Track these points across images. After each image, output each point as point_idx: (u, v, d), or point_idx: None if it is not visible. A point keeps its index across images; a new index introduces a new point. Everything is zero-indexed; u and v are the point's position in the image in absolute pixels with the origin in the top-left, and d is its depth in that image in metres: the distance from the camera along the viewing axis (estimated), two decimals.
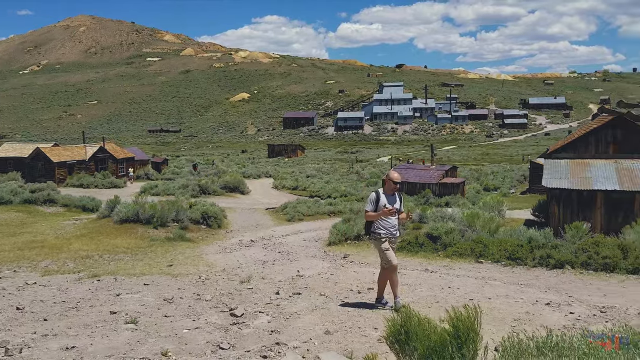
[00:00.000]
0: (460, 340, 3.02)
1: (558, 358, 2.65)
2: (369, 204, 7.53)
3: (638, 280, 9.56)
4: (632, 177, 15.58)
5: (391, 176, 7.59)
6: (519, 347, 2.91)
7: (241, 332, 6.15)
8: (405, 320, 3.33)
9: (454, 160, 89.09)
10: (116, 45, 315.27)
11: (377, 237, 7.51)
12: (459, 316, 3.19)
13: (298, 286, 9.12)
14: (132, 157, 51.51)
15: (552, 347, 2.79)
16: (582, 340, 2.88)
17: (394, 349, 3.36)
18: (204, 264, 12.69)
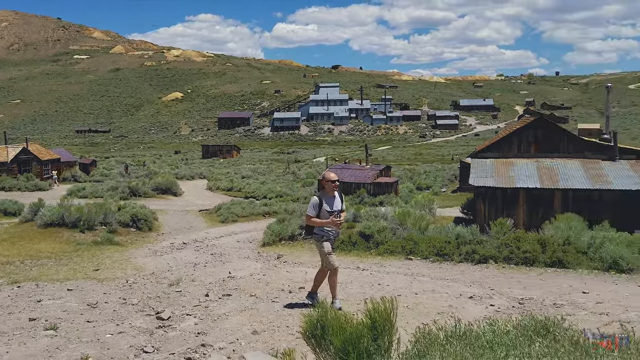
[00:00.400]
0: (376, 332, 3.10)
1: (464, 346, 2.77)
2: (311, 208, 7.45)
3: (555, 272, 10.08)
4: (552, 175, 16.42)
5: (327, 176, 7.53)
6: (429, 337, 3.02)
7: (167, 335, 6.02)
8: (321, 315, 3.37)
9: (389, 160, 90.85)
10: (41, 42, 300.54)
11: (319, 238, 7.50)
12: (376, 308, 3.28)
13: (229, 288, 9.03)
14: (58, 159, 49.32)
15: (459, 336, 2.91)
16: (489, 329, 3.02)
17: (311, 343, 3.39)
18: (132, 268, 12.34)
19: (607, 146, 17.30)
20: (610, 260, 10.01)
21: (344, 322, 3.19)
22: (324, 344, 3.22)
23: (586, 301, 7.71)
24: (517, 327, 3.05)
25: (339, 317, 3.28)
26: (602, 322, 6.31)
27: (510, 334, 2.87)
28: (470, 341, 2.85)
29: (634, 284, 9.00)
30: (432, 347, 2.87)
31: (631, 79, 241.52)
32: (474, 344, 2.78)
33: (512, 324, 3.14)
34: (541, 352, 2.59)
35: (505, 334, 2.89)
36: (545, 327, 3.05)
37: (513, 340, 2.76)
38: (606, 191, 15.51)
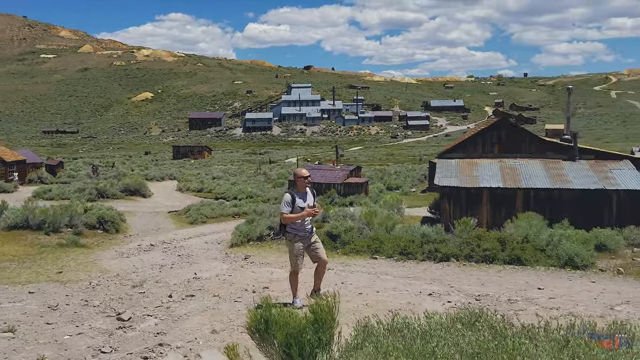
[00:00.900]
0: (317, 325, 3.23)
1: (401, 338, 2.91)
2: (285, 205, 7.40)
3: (513, 269, 10.38)
4: (514, 175, 16.83)
5: (299, 173, 7.57)
6: (369, 329, 3.16)
7: (126, 335, 6.04)
8: (265, 311, 3.48)
9: (361, 160, 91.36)
10: (6, 41, 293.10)
11: (292, 237, 7.53)
12: (318, 304, 3.41)
13: (192, 288, 9.06)
14: (23, 160, 48.31)
15: (397, 329, 3.05)
16: (426, 321, 3.17)
17: (255, 338, 3.51)
18: (97, 270, 12.24)
19: (568, 146, 17.80)
20: (566, 257, 10.35)
21: (287, 317, 3.31)
22: (267, 339, 3.34)
23: (540, 297, 7.98)
24: (452, 319, 3.20)
25: (283, 312, 3.39)
26: (552, 316, 6.55)
27: (444, 326, 3.02)
28: (404, 332, 2.99)
29: (587, 280, 9.33)
30: (368, 338, 3.00)
31: (596, 81, 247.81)
32: (407, 336, 2.93)
33: (451, 317, 3.29)
34: (469, 341, 2.74)
35: (439, 327, 3.04)
36: (472, 319, 3.21)
37: (446, 332, 2.91)
38: (566, 190, 15.97)
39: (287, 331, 3.18)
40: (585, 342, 2.72)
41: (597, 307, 7.22)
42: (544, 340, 2.76)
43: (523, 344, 2.61)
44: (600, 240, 12.23)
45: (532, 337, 2.71)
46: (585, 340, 2.82)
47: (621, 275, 9.67)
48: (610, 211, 15.86)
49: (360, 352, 2.79)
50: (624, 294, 8.10)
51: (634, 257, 11.61)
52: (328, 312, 3.32)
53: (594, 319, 4.33)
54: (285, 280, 9.81)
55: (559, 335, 2.83)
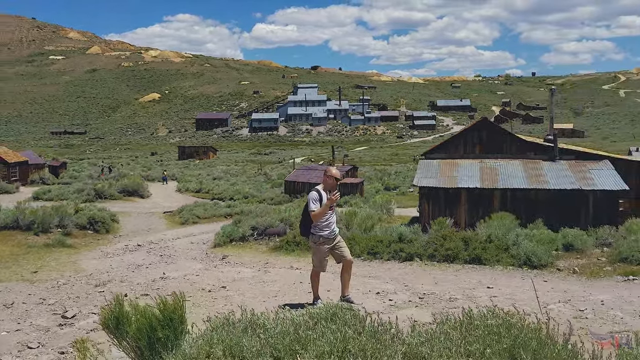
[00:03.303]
0: (166, 322, 3.44)
1: (242, 331, 3.12)
2: (313, 203, 7.11)
3: (472, 269, 10.54)
4: (493, 175, 16.95)
5: (330, 172, 7.29)
6: (225, 322, 3.38)
7: (60, 332, 6.30)
8: (116, 307, 3.70)
9: (365, 160, 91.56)
10: (15, 42, 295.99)
11: (317, 240, 7.28)
12: (164, 301, 3.63)
13: (152, 288, 9.31)
14: (25, 161, 48.92)
15: (256, 325, 3.25)
16: (289, 316, 3.35)
17: (108, 333, 3.73)
18: (72, 270, 12.53)
19: (548, 147, 17.89)
20: (524, 256, 10.50)
21: (138, 314, 3.53)
22: (118, 333, 3.57)
23: (483, 295, 8.15)
24: (312, 316, 3.39)
25: (137, 309, 3.61)
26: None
27: (296, 322, 3.22)
28: (253, 327, 3.19)
29: (539, 279, 9.46)
30: (216, 331, 3.21)
31: (605, 80, 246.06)
32: (256, 329, 3.13)
33: (310, 314, 3.49)
34: (334, 337, 2.91)
35: (303, 322, 3.24)
36: (334, 313, 3.41)
37: (328, 324, 3.08)
38: (542, 190, 16.07)
39: (137, 327, 3.41)
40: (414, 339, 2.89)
41: (530, 305, 7.36)
42: (386, 338, 2.94)
43: (355, 339, 2.79)
44: (567, 240, 12.34)
45: (374, 334, 2.89)
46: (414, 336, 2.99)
47: (575, 275, 9.80)
48: (587, 211, 15.95)
49: (195, 345, 3.00)
50: (569, 293, 8.25)
51: (600, 257, 11.71)
52: (176, 309, 3.55)
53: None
54: (243, 280, 10.06)
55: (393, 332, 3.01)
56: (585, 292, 8.37)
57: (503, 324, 2.96)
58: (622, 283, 9.02)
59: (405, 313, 6.70)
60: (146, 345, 3.35)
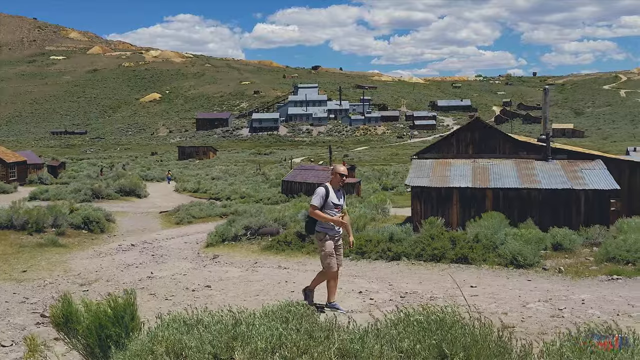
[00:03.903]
0: (117, 318, 3.47)
1: (190, 327, 3.14)
2: (318, 198, 6.89)
3: (458, 268, 10.54)
4: (485, 175, 16.95)
5: (337, 169, 7.07)
6: (173, 319, 3.41)
7: (36, 330, 6.31)
8: (64, 306, 3.73)
9: (365, 160, 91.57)
10: (16, 43, 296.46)
11: (322, 237, 7.03)
12: (115, 299, 3.66)
13: (137, 287, 9.32)
14: (24, 161, 49.00)
15: (202, 322, 3.28)
16: (229, 313, 3.37)
17: (58, 330, 3.75)
18: (61, 269, 12.55)
19: (541, 146, 17.88)
20: (510, 256, 10.50)
21: (88, 311, 3.55)
22: (67, 331, 3.59)
23: (464, 294, 8.14)
24: (266, 314, 3.41)
25: (88, 307, 3.63)
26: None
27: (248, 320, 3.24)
28: (194, 324, 3.21)
29: (523, 278, 9.47)
30: (160, 329, 3.23)
31: (606, 80, 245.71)
32: (196, 325, 3.15)
33: (266, 312, 3.50)
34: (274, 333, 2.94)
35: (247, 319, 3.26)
36: (289, 311, 3.43)
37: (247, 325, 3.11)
38: (534, 190, 16.07)
39: (87, 324, 3.43)
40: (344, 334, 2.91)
41: (511, 304, 7.37)
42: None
43: (288, 336, 2.80)
44: (556, 240, 12.34)
45: (311, 332, 2.90)
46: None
47: (560, 274, 9.80)
48: (579, 211, 15.95)
49: (139, 343, 3.02)
50: (551, 292, 8.25)
51: (588, 257, 11.71)
52: (127, 307, 3.57)
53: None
54: (229, 280, 10.07)
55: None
56: (568, 291, 8.37)
57: (434, 321, 2.97)
58: (605, 282, 9.02)
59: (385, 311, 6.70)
60: (95, 343, 3.37)
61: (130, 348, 3.05)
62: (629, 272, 9.45)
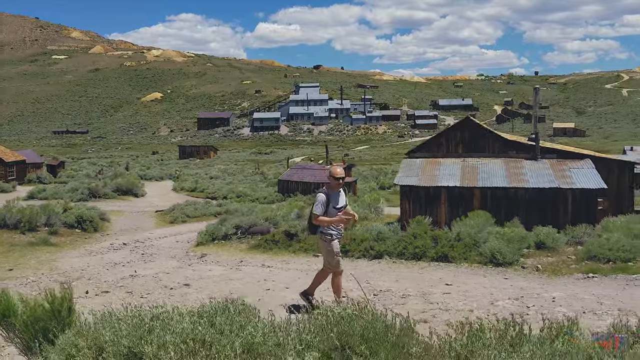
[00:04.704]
0: (54, 313, 3.56)
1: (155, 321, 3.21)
2: (319, 206, 6.85)
3: (438, 266, 10.61)
4: (473, 174, 17.00)
5: (333, 172, 7.02)
6: (105, 315, 3.52)
7: None
8: (2, 301, 3.82)
9: (365, 159, 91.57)
10: (18, 42, 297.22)
11: (328, 239, 7.04)
12: (52, 294, 3.76)
13: (115, 285, 9.43)
14: (23, 160, 49.20)
15: (135, 316, 3.37)
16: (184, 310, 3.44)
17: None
18: (47, 268, 12.66)
19: (530, 146, 17.92)
20: (490, 254, 10.56)
21: (26, 306, 3.64)
22: (6, 325, 3.69)
23: (437, 292, 8.21)
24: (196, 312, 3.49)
25: (24, 300, 3.73)
26: (423, 310, 6.84)
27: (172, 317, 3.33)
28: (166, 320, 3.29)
29: (500, 277, 9.54)
30: (86, 324, 3.33)
31: (608, 79, 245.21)
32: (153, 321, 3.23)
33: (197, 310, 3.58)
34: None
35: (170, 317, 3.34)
36: (226, 307, 3.51)
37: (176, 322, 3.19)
38: (521, 189, 16.12)
39: (24, 319, 3.52)
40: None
41: (480, 302, 7.45)
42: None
43: (194, 329, 2.89)
44: (540, 239, 12.40)
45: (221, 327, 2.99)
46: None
47: (537, 273, 9.86)
48: (566, 210, 15.99)
49: (66, 338, 3.11)
50: (524, 290, 8.31)
51: (570, 255, 11.76)
52: (63, 302, 3.67)
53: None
54: (210, 278, 10.15)
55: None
56: (542, 289, 8.43)
57: (336, 316, 3.04)
58: (581, 281, 9.07)
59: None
60: (32, 337, 3.47)
61: (57, 342, 3.14)
62: (605, 271, 9.51)
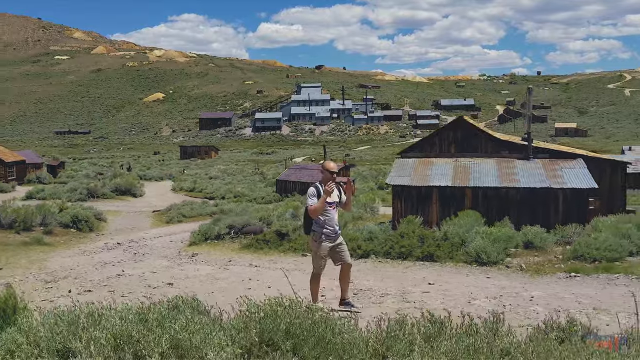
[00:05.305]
0: None
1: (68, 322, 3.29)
2: (311, 198, 6.88)
3: (423, 265, 10.63)
4: (465, 174, 16.99)
5: (327, 166, 7.01)
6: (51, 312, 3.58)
7: None
8: None
9: (366, 159, 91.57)
10: (20, 43, 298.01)
11: (318, 238, 7.03)
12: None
13: (101, 285, 9.50)
14: (22, 161, 49.36)
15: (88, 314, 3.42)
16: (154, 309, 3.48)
17: None
18: (37, 267, 12.73)
19: (523, 145, 17.90)
20: (475, 253, 10.59)
21: None
22: None
23: (417, 291, 8.25)
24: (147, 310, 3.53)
25: None
26: (398, 308, 6.86)
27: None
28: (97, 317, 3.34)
29: (483, 276, 9.55)
30: (63, 316, 3.38)
31: (610, 79, 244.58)
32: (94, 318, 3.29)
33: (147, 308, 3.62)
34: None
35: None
36: (192, 305, 3.55)
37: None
38: (512, 189, 16.11)
39: None
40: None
41: (458, 300, 7.47)
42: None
43: (123, 326, 2.95)
44: (527, 238, 12.44)
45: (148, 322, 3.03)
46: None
47: (521, 272, 9.88)
48: (557, 209, 15.97)
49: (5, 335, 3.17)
50: (505, 289, 8.32)
51: (558, 255, 11.77)
52: (7, 300, 3.73)
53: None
54: (196, 278, 10.20)
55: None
56: (523, 288, 8.45)
57: (263, 312, 3.09)
58: (563, 280, 9.09)
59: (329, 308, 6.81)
60: None
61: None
62: (588, 270, 9.52)
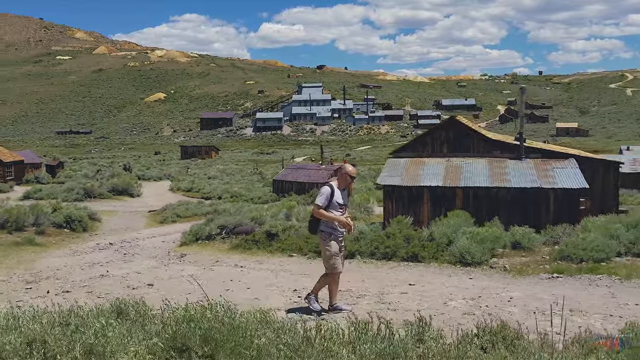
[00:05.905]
0: None
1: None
2: (323, 198, 6.68)
3: (407, 266, 10.57)
4: (456, 174, 16.93)
5: (348, 170, 6.91)
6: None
7: None
8: None
9: (367, 159, 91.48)
10: (22, 43, 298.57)
11: (326, 237, 6.83)
12: None
13: (80, 285, 9.46)
14: (21, 161, 49.43)
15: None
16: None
17: None
18: (24, 268, 12.69)
19: (515, 145, 17.83)
20: (459, 254, 10.53)
21: None
22: None
23: (395, 292, 8.19)
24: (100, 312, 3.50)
25: None
26: (370, 310, 6.81)
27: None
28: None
29: (466, 277, 9.49)
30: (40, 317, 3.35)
31: (612, 78, 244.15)
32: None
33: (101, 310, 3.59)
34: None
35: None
36: (136, 309, 3.52)
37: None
38: (503, 189, 16.05)
39: None
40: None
41: (434, 302, 7.42)
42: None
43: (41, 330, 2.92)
44: (515, 238, 12.37)
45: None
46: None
47: (504, 272, 9.82)
48: (548, 209, 15.91)
49: None
50: (486, 290, 8.26)
51: (545, 255, 11.70)
52: None
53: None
54: (180, 278, 10.15)
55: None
56: (504, 289, 8.39)
57: (181, 316, 3.05)
58: (545, 281, 9.02)
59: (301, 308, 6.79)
60: None
61: None
62: (571, 271, 9.46)
